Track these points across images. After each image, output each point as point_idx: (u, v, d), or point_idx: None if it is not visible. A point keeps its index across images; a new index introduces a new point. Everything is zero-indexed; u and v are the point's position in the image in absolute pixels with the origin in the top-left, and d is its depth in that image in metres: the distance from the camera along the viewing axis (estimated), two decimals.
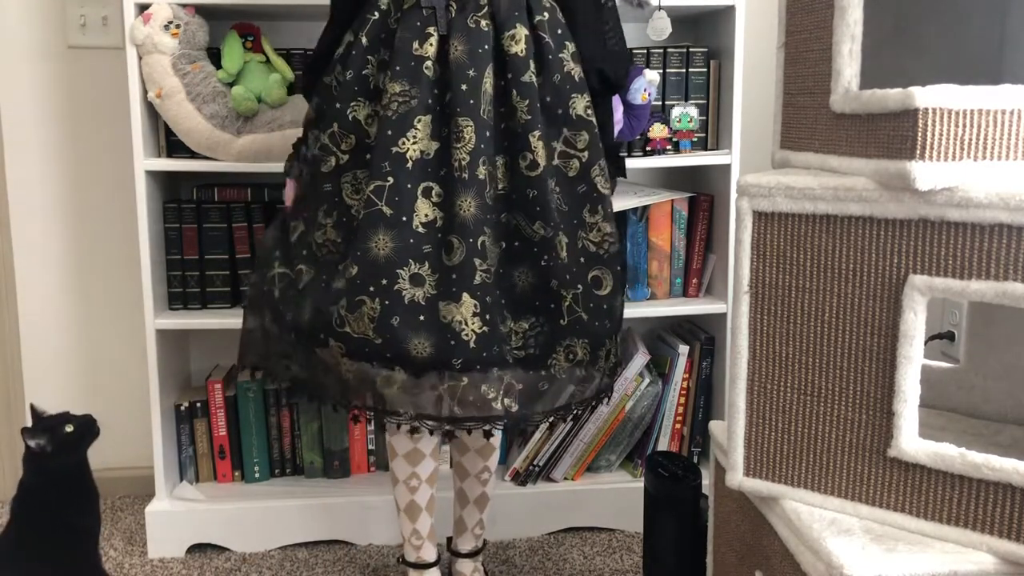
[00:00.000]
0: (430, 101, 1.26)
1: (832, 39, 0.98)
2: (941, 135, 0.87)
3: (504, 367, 1.26)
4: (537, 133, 1.27)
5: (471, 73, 1.25)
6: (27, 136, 1.99)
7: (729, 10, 1.78)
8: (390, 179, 1.24)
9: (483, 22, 1.27)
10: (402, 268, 1.22)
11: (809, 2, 1.04)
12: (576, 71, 1.33)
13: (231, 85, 1.72)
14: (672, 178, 2.05)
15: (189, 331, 1.98)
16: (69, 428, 1.42)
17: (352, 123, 1.29)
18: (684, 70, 1.85)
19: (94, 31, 1.94)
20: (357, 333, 1.22)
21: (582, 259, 1.31)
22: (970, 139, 0.88)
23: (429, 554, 1.54)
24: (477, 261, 1.23)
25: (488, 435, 1.41)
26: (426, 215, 1.24)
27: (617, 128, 1.76)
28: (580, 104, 1.32)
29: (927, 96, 0.86)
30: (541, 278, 1.28)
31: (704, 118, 1.86)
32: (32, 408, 1.46)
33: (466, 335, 1.22)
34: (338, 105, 1.30)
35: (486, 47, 1.27)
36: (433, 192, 1.25)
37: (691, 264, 1.92)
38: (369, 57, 1.30)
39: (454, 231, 1.23)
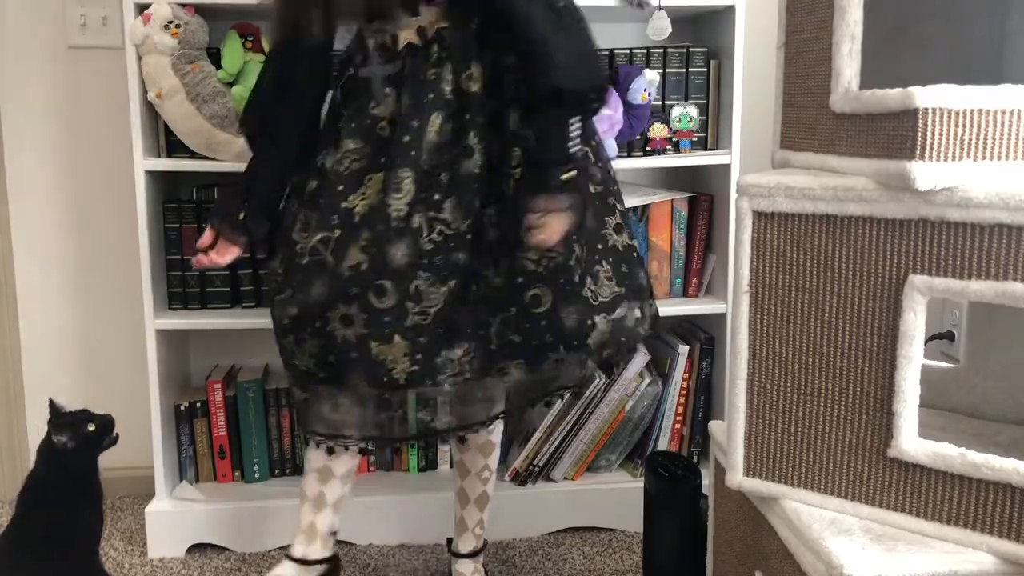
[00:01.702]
0: (382, 160, 1.29)
1: (832, 39, 0.98)
2: (941, 135, 0.87)
3: (437, 391, 1.34)
4: (496, 173, 1.30)
5: (413, 124, 1.28)
6: (27, 136, 1.99)
7: (729, 10, 1.78)
8: (337, 231, 1.28)
9: (432, 71, 1.30)
10: (332, 311, 1.27)
11: (809, 2, 1.04)
12: (510, 84, 1.32)
13: (231, 85, 1.72)
14: (672, 178, 2.05)
15: (189, 331, 1.98)
16: (91, 427, 1.43)
17: (318, 170, 1.34)
18: (684, 70, 1.85)
19: (94, 31, 1.94)
20: (302, 367, 1.33)
21: (519, 280, 1.30)
22: (970, 139, 0.88)
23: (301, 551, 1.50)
24: (410, 304, 1.26)
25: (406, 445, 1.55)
26: (354, 259, 1.27)
27: (617, 128, 1.76)
28: (512, 119, 1.31)
29: (927, 96, 0.86)
30: (475, 305, 1.31)
31: (704, 118, 1.86)
32: (51, 403, 1.46)
33: (397, 373, 1.28)
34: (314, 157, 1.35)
35: (431, 95, 1.29)
36: (363, 238, 1.28)
37: (691, 264, 1.92)
38: (343, 111, 1.35)
39: (387, 276, 1.26)
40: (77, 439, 1.42)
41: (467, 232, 1.29)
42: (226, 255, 1.40)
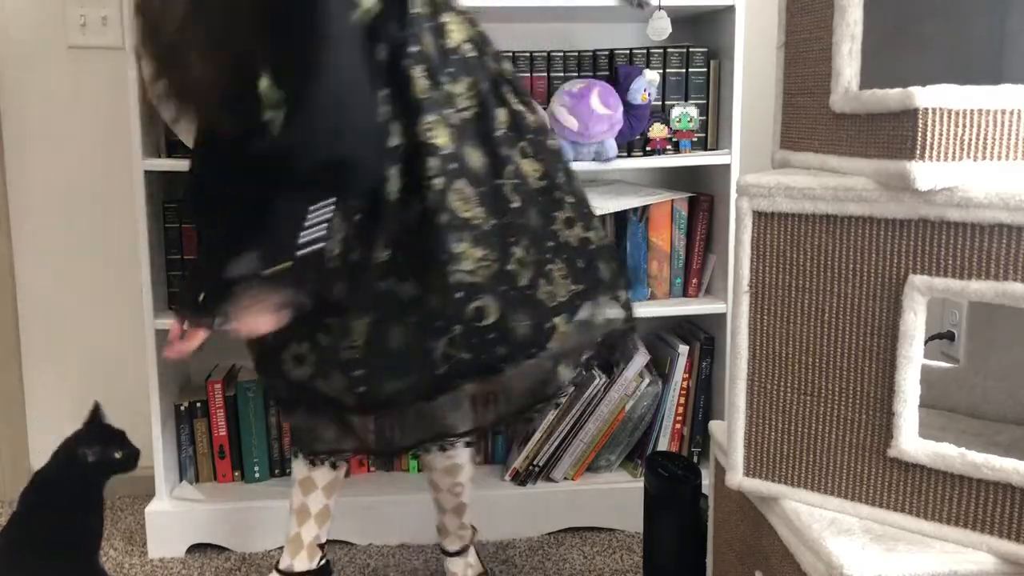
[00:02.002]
0: None
1: (832, 39, 0.98)
2: (941, 135, 0.87)
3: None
4: (400, 196, 1.26)
5: None
6: (27, 136, 1.99)
7: (729, 10, 1.78)
8: None
9: None
10: (284, 352, 1.28)
11: (809, 2, 1.04)
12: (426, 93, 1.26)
13: None
14: (672, 178, 2.04)
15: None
16: (118, 455, 1.42)
17: None
18: (684, 70, 1.85)
19: (94, 31, 1.94)
20: (274, 398, 1.39)
21: (458, 295, 1.20)
22: (970, 139, 0.88)
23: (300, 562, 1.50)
24: (342, 341, 1.23)
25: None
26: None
27: (617, 128, 1.76)
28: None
29: (927, 96, 0.86)
30: (411, 337, 1.23)
31: (704, 118, 1.86)
32: (96, 408, 1.45)
33: (346, 404, 1.28)
34: None
35: None
36: None
37: (691, 264, 1.92)
38: None
39: (329, 313, 1.23)
40: (99, 457, 1.41)
41: (391, 262, 1.22)
42: (194, 340, 1.31)
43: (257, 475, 1.92)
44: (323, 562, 1.52)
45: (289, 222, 1.13)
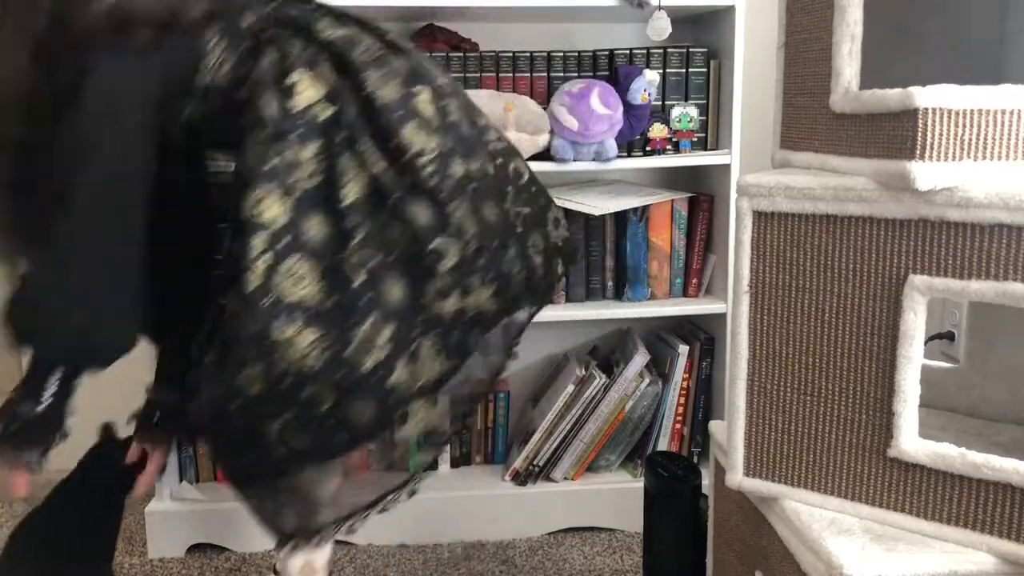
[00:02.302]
0: None
1: (832, 39, 0.98)
2: (941, 135, 0.87)
3: None
4: None
5: None
6: None
7: (729, 10, 1.78)
8: None
9: None
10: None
11: (809, 2, 1.04)
12: None
13: None
14: (672, 178, 2.05)
15: None
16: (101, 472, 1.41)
17: None
18: (684, 70, 1.85)
19: None
20: None
21: (288, 381, 1.08)
22: (970, 139, 0.88)
23: None
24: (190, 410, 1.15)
25: None
26: None
27: (617, 128, 1.76)
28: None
29: (927, 96, 0.86)
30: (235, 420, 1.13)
31: (704, 118, 1.86)
32: (108, 427, 1.43)
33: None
34: None
35: None
36: None
37: (691, 264, 1.92)
38: None
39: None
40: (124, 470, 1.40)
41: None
42: (157, 463, 1.28)
43: None
44: None
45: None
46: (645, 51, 1.83)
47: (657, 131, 1.83)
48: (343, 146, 1.11)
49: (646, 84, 1.75)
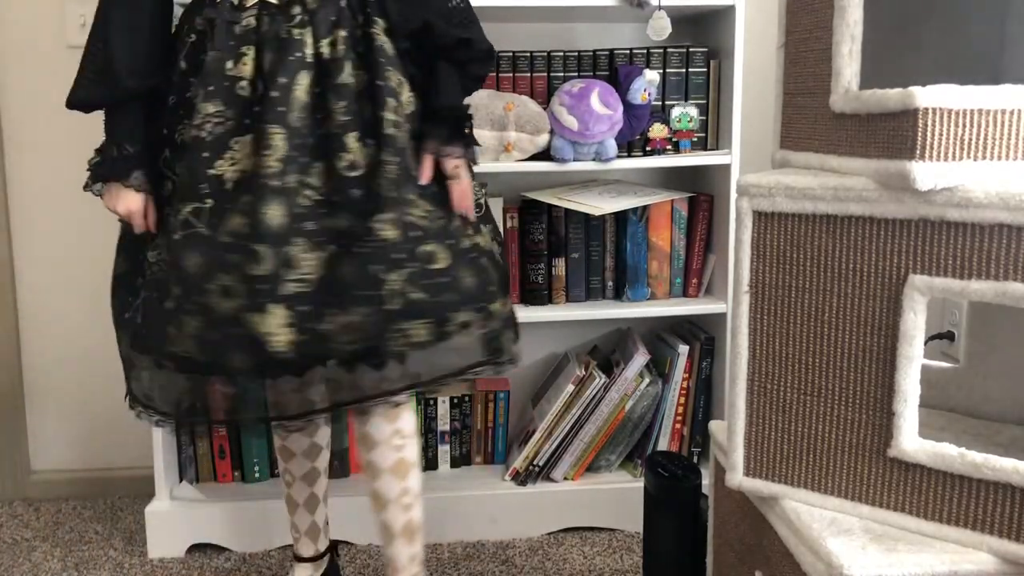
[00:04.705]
0: (247, 121, 1.22)
1: (832, 39, 0.98)
2: (941, 135, 0.87)
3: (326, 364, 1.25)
4: (355, 134, 1.24)
5: (281, 80, 1.22)
6: (27, 136, 1.99)
7: (729, 10, 1.78)
8: (208, 201, 1.20)
9: (296, 31, 1.25)
10: (211, 282, 1.18)
11: (809, 2, 1.04)
12: (388, 45, 1.29)
13: None
14: (672, 178, 2.05)
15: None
16: None
17: (180, 147, 1.25)
18: (684, 70, 1.85)
19: None
20: (183, 353, 1.20)
21: (412, 233, 1.23)
22: (970, 139, 0.88)
23: (304, 549, 1.56)
24: (284, 271, 1.17)
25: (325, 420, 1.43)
26: (231, 224, 1.19)
27: (617, 128, 1.76)
28: (394, 78, 1.28)
29: (927, 96, 0.86)
30: (361, 268, 1.21)
31: (704, 118, 1.86)
32: None
33: (277, 345, 1.17)
34: (165, 131, 1.27)
35: (297, 55, 1.23)
36: (242, 201, 1.20)
37: (691, 264, 1.92)
38: (192, 80, 1.26)
39: (261, 240, 1.18)
40: None
41: (334, 198, 1.23)
42: (152, 213, 1.30)
43: (257, 475, 1.92)
44: (326, 551, 1.57)
45: (459, 89, 1.33)
46: (645, 51, 1.83)
47: (657, 131, 1.83)
48: None
49: (646, 84, 1.75)
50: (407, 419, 1.38)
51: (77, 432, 2.09)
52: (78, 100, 1.32)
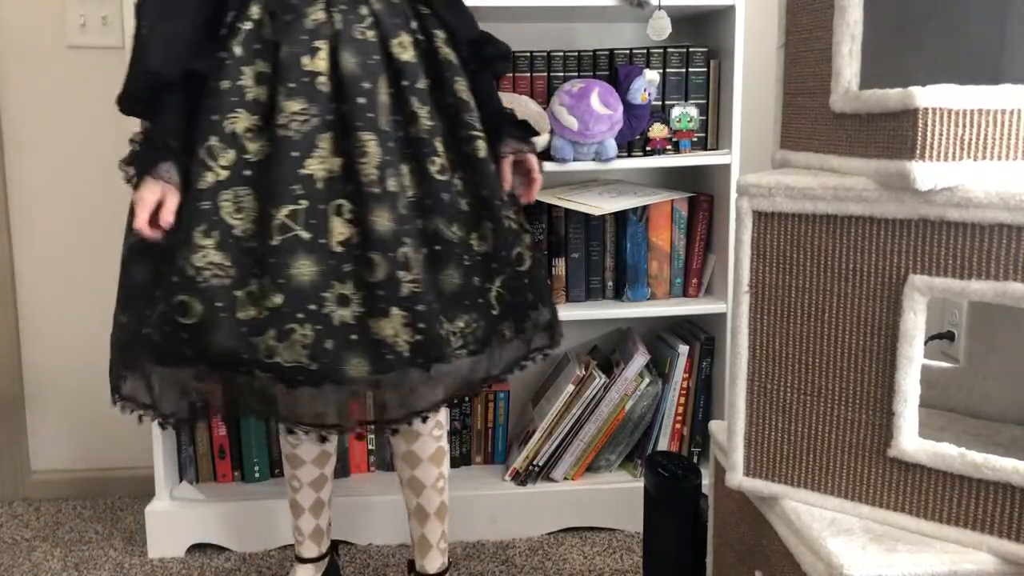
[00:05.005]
0: (329, 117, 1.22)
1: (832, 39, 0.98)
2: (941, 135, 0.87)
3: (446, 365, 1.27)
4: (440, 139, 1.28)
5: (365, 85, 1.23)
6: (27, 136, 1.99)
7: (729, 10, 1.78)
8: (303, 202, 1.19)
9: (369, 32, 1.26)
10: (328, 291, 1.18)
11: (809, 2, 1.04)
12: (452, 55, 1.34)
13: None
14: (672, 178, 2.05)
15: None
16: None
17: (230, 136, 1.21)
18: (684, 70, 1.85)
19: (94, 31, 1.94)
20: (289, 362, 1.17)
21: (508, 239, 1.31)
22: (970, 139, 0.88)
23: (307, 551, 1.56)
24: (401, 274, 1.20)
25: (422, 420, 1.39)
26: (341, 233, 1.20)
27: (617, 128, 1.76)
28: (462, 86, 1.32)
29: (927, 96, 0.86)
30: (465, 277, 1.27)
31: (704, 118, 1.86)
32: None
33: (401, 347, 1.19)
34: (214, 117, 1.21)
35: (376, 57, 1.25)
36: (344, 209, 1.21)
37: (691, 264, 1.92)
38: (244, 68, 1.23)
39: (373, 247, 1.19)
40: None
41: (425, 201, 1.26)
42: (172, 205, 1.23)
43: (257, 475, 1.92)
44: (327, 551, 1.59)
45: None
46: (645, 51, 1.83)
47: (657, 131, 1.83)
48: None
49: (646, 84, 1.75)
50: (443, 410, 1.45)
51: (77, 432, 2.09)
52: (125, 97, 1.31)
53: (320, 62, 1.23)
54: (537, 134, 1.44)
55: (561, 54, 1.83)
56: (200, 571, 1.77)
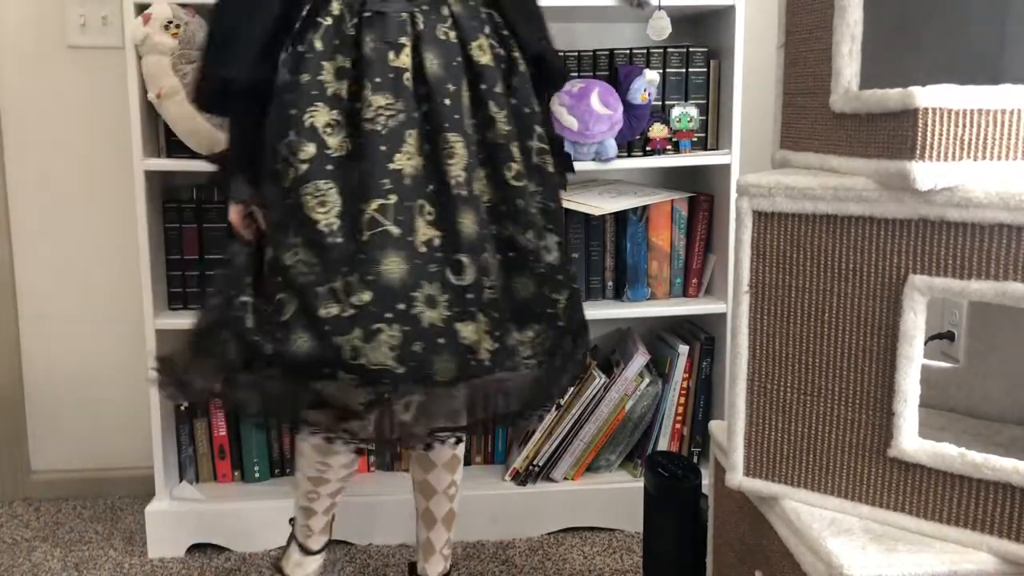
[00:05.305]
0: (415, 115, 1.21)
1: (832, 39, 0.98)
2: (941, 135, 0.87)
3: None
4: (517, 144, 1.27)
5: (450, 87, 1.23)
6: (27, 136, 1.99)
7: (729, 10, 1.78)
8: (392, 197, 1.17)
9: (451, 33, 1.25)
10: (417, 290, 1.15)
11: (809, 2, 1.04)
12: (523, 63, 1.33)
13: None
14: (672, 178, 2.05)
15: (189, 331, 1.97)
16: None
17: (309, 130, 1.19)
18: (684, 70, 1.85)
19: (94, 31, 1.94)
20: (374, 364, 1.13)
21: (569, 255, 1.34)
22: (970, 139, 0.88)
23: (315, 544, 1.54)
24: (484, 279, 1.20)
25: (458, 440, 1.42)
26: (424, 234, 1.18)
27: (617, 128, 1.76)
28: (533, 96, 1.33)
29: (927, 96, 0.86)
30: (538, 286, 1.27)
31: (704, 118, 1.86)
32: None
33: (483, 354, 1.18)
34: (293, 111, 1.20)
35: (458, 60, 1.25)
36: (425, 210, 1.19)
37: (691, 264, 1.92)
38: (324, 63, 1.21)
39: (461, 250, 1.19)
40: None
41: (501, 207, 1.26)
42: (256, 216, 1.28)
43: (257, 475, 1.92)
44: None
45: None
46: (645, 51, 1.83)
47: (657, 131, 1.83)
48: None
49: (646, 84, 1.75)
50: (460, 471, 1.51)
51: (77, 432, 2.09)
52: (200, 97, 1.30)
53: (405, 58, 1.22)
54: (572, 169, 1.46)
55: (561, 54, 1.82)
56: (200, 571, 1.77)
